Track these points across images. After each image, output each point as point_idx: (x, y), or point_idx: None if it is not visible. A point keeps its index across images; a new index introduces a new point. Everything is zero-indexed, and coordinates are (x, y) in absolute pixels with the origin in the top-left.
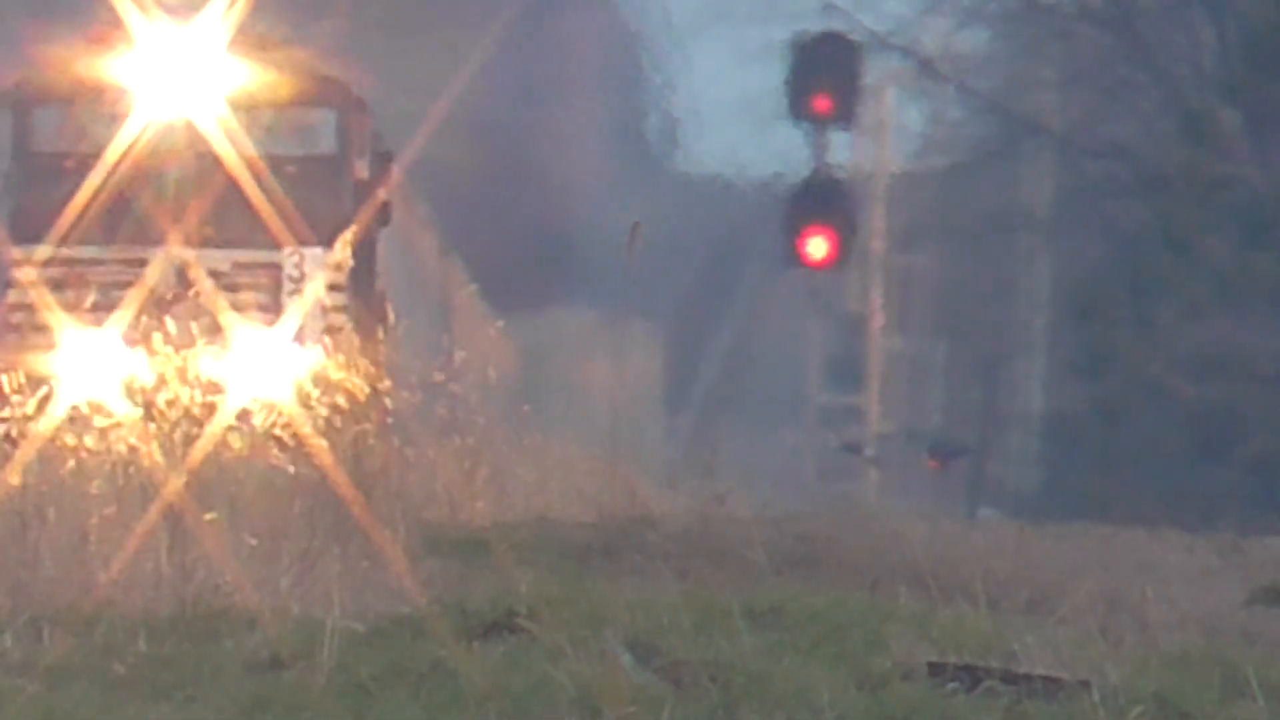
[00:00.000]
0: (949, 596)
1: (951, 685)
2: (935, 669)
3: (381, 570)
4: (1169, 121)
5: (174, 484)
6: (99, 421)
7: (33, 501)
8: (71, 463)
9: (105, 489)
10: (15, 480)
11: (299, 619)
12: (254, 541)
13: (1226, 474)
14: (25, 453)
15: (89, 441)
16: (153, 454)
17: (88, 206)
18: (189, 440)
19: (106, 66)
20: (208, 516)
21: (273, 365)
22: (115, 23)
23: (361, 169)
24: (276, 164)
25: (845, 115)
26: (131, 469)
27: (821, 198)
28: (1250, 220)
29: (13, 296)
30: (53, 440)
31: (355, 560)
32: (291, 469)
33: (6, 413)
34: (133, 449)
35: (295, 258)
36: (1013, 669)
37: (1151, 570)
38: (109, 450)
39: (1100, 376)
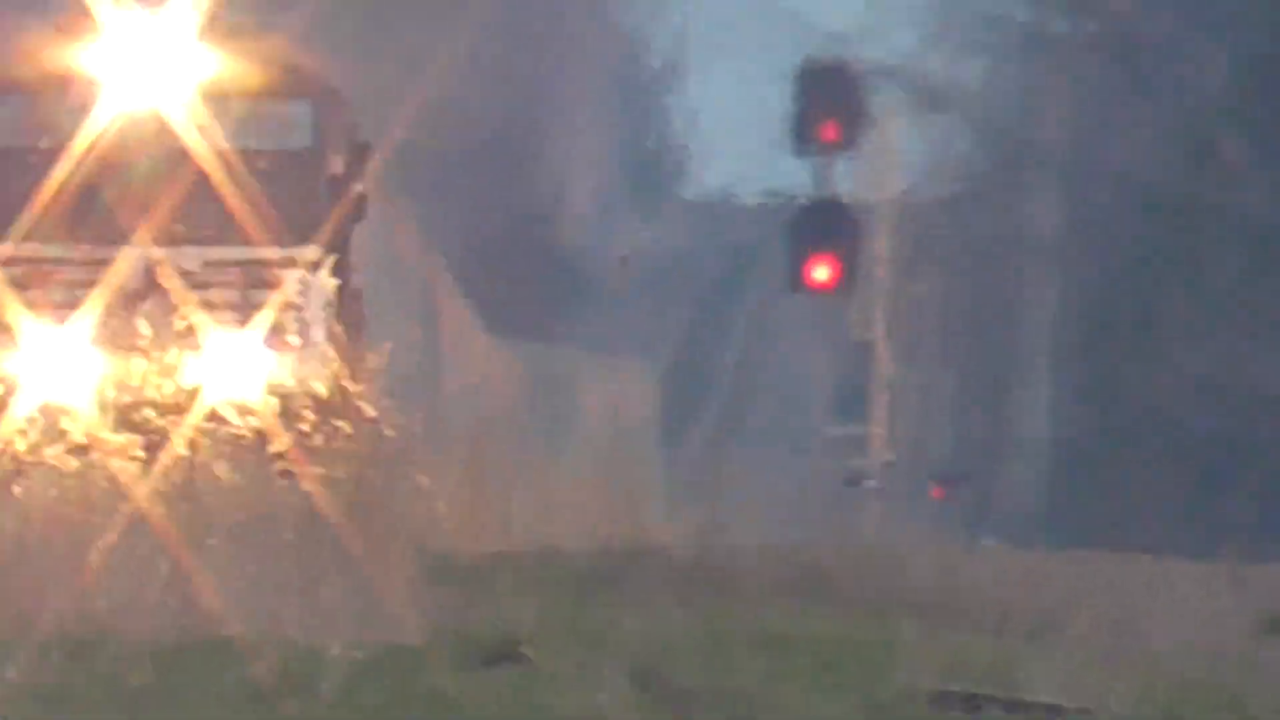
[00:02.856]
0: (952, 624)
1: (954, 714)
2: (938, 697)
3: (383, 599)
4: (1173, 149)
5: (173, 510)
6: (68, 430)
7: (35, 529)
8: (62, 488)
9: (103, 515)
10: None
11: (301, 648)
12: (256, 569)
13: (1232, 500)
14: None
15: (56, 455)
16: (138, 475)
17: (52, 202)
18: (173, 459)
19: (72, 56)
20: (208, 544)
21: (246, 369)
22: (81, 10)
23: (337, 163)
24: (248, 158)
25: (851, 143)
26: (123, 492)
27: (826, 223)
28: (1256, 246)
29: None
30: (32, 454)
31: (358, 588)
32: (290, 498)
33: None
34: (115, 470)
35: (267, 255)
36: (1015, 697)
37: (1156, 598)
38: (93, 470)
39: (1105, 403)
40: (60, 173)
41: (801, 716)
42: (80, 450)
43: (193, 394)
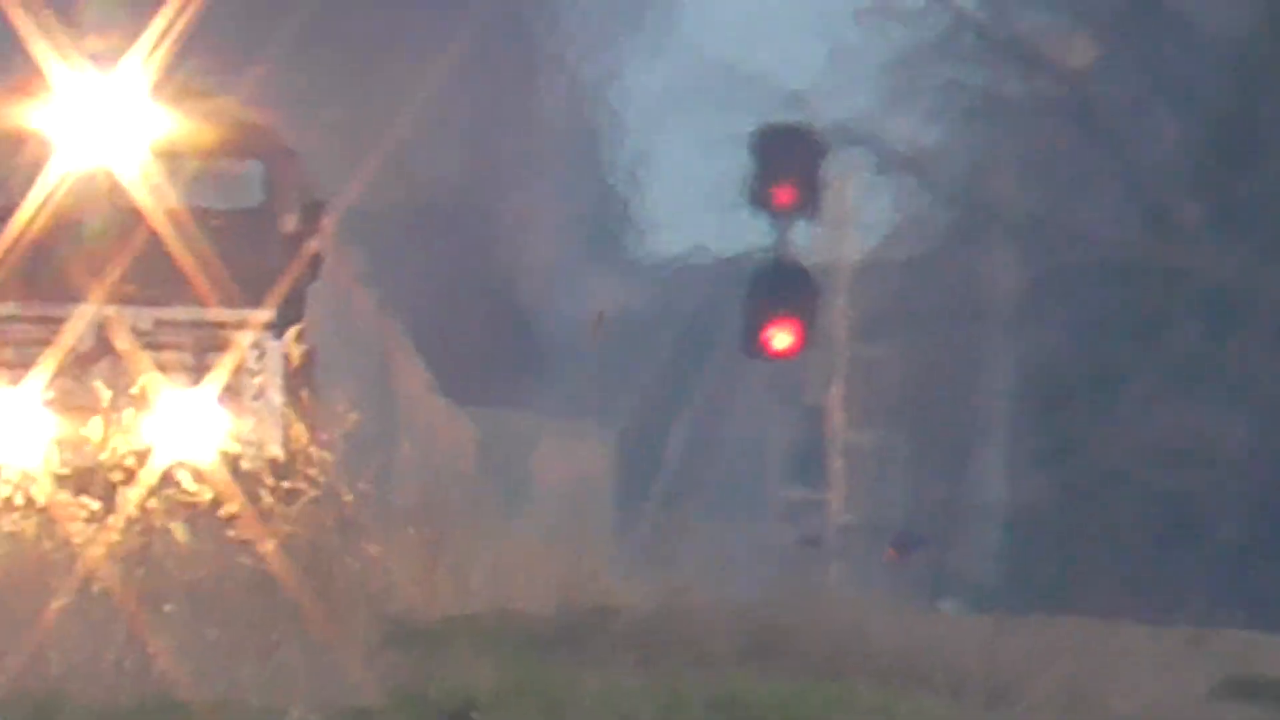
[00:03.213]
0: (909, 688)
1: None
2: None
3: (343, 661)
4: (1132, 212)
5: (129, 573)
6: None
7: None
8: (16, 550)
9: (58, 577)
10: None
11: (260, 710)
12: (214, 632)
13: (1191, 564)
14: None
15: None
16: (93, 537)
17: (3, 260)
18: (128, 521)
19: (23, 114)
20: (166, 608)
21: (200, 431)
22: (34, 70)
23: (290, 221)
24: (201, 216)
25: (808, 206)
26: (78, 555)
27: (785, 288)
28: (1214, 310)
29: None
30: None
31: (316, 651)
32: (247, 561)
33: None
34: (70, 532)
35: (220, 315)
36: None
37: (1114, 661)
38: (48, 531)
39: (1063, 466)
40: (11, 230)
41: None
42: (35, 511)
43: (146, 455)
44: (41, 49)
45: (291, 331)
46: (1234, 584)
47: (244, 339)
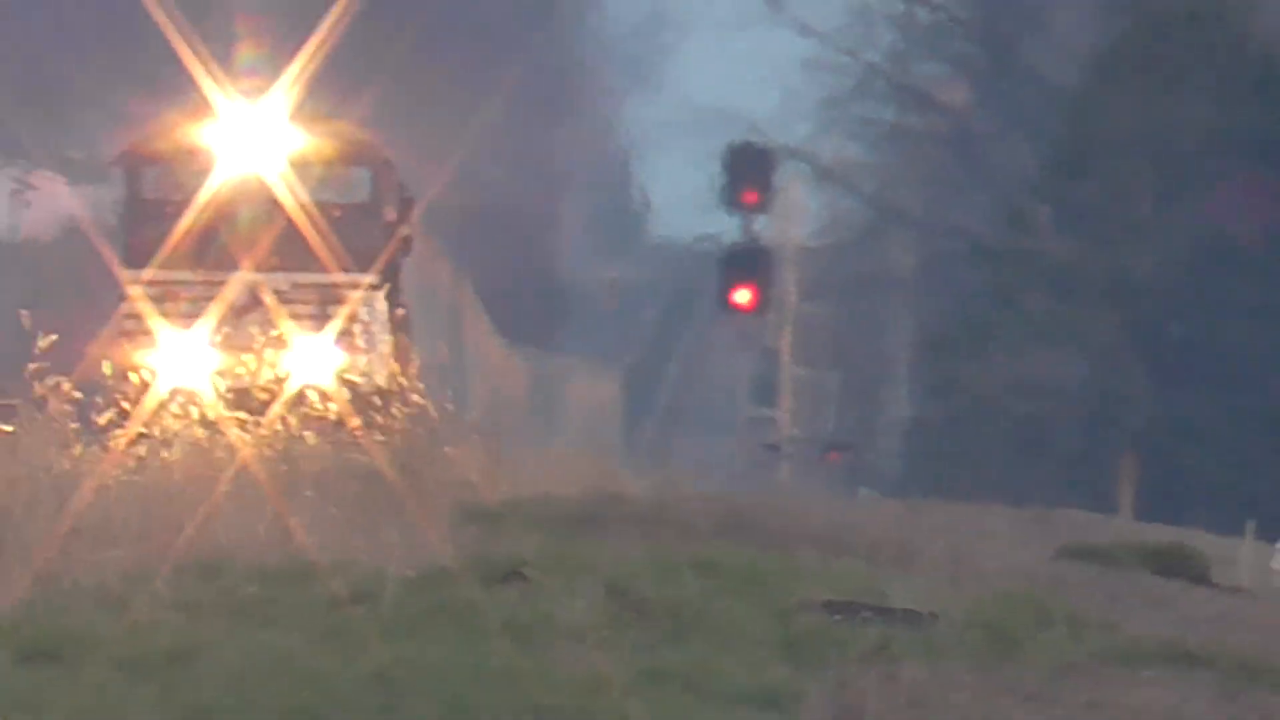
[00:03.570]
0: (838, 553)
1: (838, 617)
2: (828, 605)
3: (428, 533)
4: (996, 211)
5: (274, 468)
6: (197, 411)
7: (175, 482)
8: (193, 452)
9: (223, 472)
10: (172, 456)
11: (368, 569)
12: (335, 511)
13: (1038, 465)
14: (172, 448)
15: (187, 426)
16: (249, 441)
17: (181, 241)
18: (272, 429)
19: (196, 134)
20: (302, 494)
21: (322, 362)
22: (203, 101)
23: (390, 212)
24: (324, 209)
25: (765, 205)
26: (236, 455)
27: (746, 261)
28: (1056, 283)
29: (124, 308)
30: (155, 426)
31: (409, 526)
32: (360, 460)
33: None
34: (232, 438)
35: (339, 280)
36: (884, 605)
37: (984, 534)
38: (215, 438)
39: (947, 394)
40: (188, 219)
41: (728, 619)
42: (206, 423)
43: (284, 381)
44: (209, 86)
45: (389, 291)
46: (1068, 480)
47: (356, 297)
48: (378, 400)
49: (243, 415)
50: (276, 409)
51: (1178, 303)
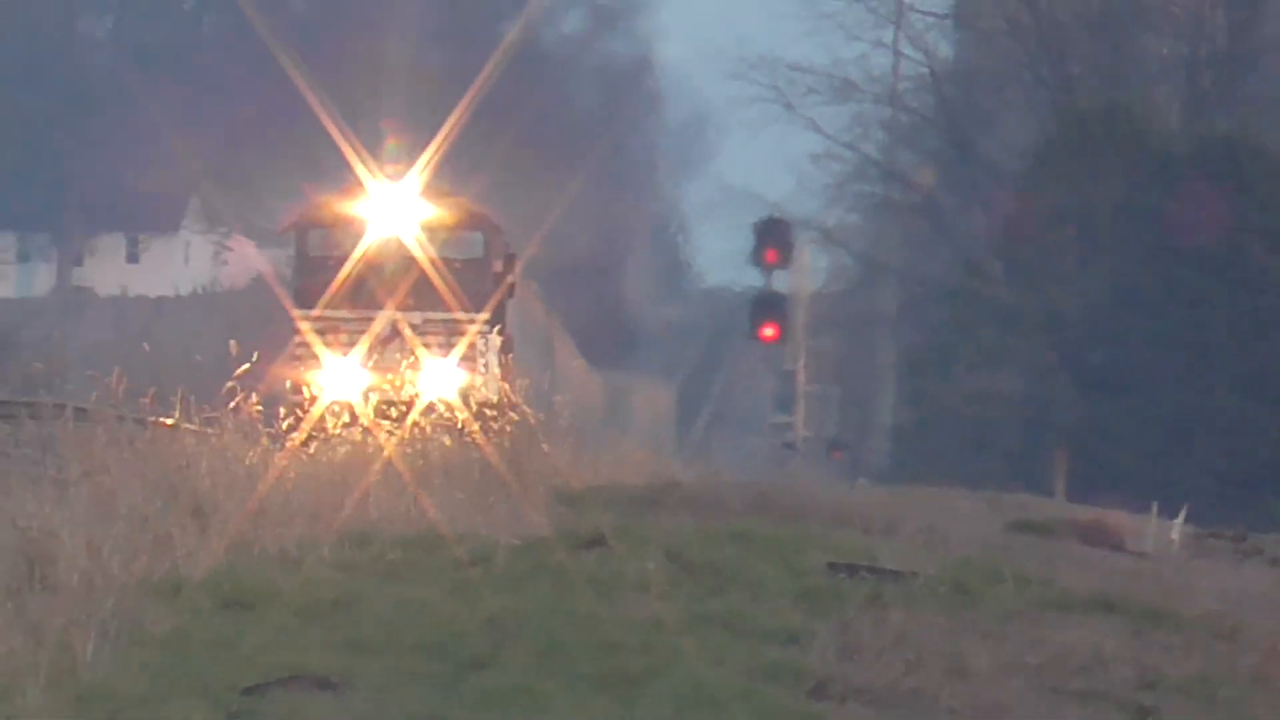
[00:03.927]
0: (840, 526)
1: (840, 575)
2: (832, 566)
3: (529, 512)
4: (958, 265)
5: (413, 462)
6: (350, 418)
7: (337, 473)
8: (351, 449)
9: (374, 464)
10: (339, 453)
11: (484, 538)
12: (461, 495)
13: (990, 460)
14: (333, 446)
15: (346, 431)
16: (394, 442)
17: (339, 287)
18: (410, 433)
19: (351, 206)
20: (433, 482)
21: (447, 380)
22: (357, 182)
23: (498, 265)
24: (448, 263)
25: (784, 263)
26: (384, 452)
27: (770, 305)
28: (1003, 319)
29: (296, 339)
30: (322, 428)
31: (515, 506)
32: (478, 456)
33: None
34: (378, 438)
35: (459, 317)
36: (875, 566)
37: (950, 512)
38: (367, 439)
39: (921, 405)
40: (345, 270)
41: (757, 575)
42: (360, 428)
43: (419, 394)
44: (361, 170)
45: (499, 328)
46: (1013, 470)
47: (473, 330)
48: (490, 411)
49: (387, 422)
50: (414, 416)
51: (1097, 333)
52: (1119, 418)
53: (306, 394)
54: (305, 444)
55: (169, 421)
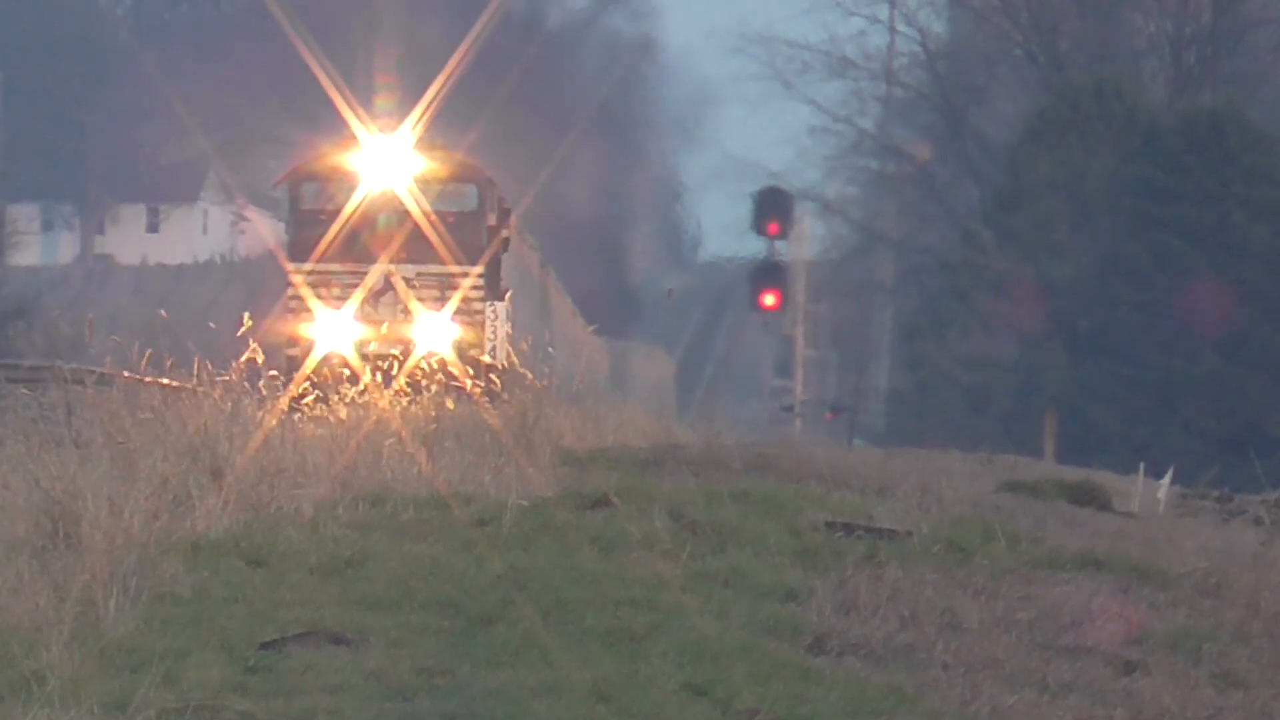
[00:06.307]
0: (837, 486)
1: (838, 533)
2: (829, 524)
3: (535, 473)
4: (954, 235)
5: (425, 424)
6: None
7: (341, 431)
8: (351, 407)
9: (389, 426)
10: (342, 415)
11: (494, 499)
12: (469, 456)
13: (983, 422)
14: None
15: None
16: (405, 405)
17: (332, 240)
18: (415, 393)
19: (344, 159)
20: (444, 444)
21: (440, 334)
22: (351, 134)
23: (492, 218)
24: (442, 216)
25: (784, 232)
26: (385, 414)
27: (770, 274)
28: (996, 287)
29: (290, 292)
30: (318, 388)
31: (523, 467)
32: (485, 418)
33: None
34: (381, 401)
35: (453, 270)
36: (872, 525)
37: (944, 472)
38: (369, 400)
39: (917, 369)
40: (338, 223)
41: (757, 533)
42: (356, 383)
43: (411, 346)
44: (355, 124)
45: (491, 280)
46: (1006, 432)
47: (467, 283)
48: (494, 374)
49: (376, 372)
50: (408, 366)
51: (1086, 300)
52: (1108, 381)
53: (298, 347)
54: (302, 399)
55: (188, 386)
